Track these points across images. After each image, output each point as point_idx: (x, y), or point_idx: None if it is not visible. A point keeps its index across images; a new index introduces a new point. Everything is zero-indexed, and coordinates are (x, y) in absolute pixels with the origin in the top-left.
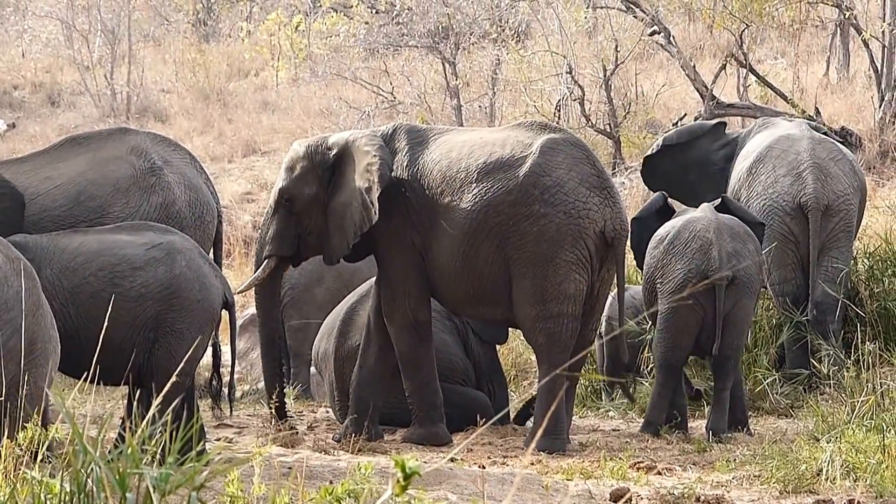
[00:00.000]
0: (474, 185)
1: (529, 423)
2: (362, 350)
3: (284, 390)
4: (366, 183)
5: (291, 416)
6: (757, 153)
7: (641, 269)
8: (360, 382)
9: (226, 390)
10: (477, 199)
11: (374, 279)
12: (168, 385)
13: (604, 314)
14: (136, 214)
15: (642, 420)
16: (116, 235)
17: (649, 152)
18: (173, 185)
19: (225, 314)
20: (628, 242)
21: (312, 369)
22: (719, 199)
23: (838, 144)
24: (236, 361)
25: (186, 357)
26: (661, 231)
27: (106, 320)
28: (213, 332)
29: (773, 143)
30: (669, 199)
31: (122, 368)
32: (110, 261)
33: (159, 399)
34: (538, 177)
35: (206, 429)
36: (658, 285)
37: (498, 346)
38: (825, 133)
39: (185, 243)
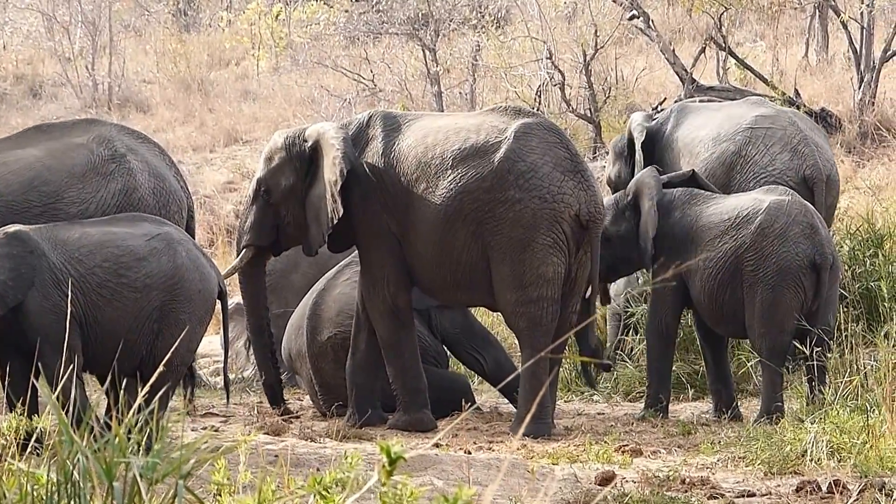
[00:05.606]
0: (449, 171)
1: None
2: (353, 337)
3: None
4: (332, 176)
5: (286, 401)
6: (735, 141)
7: (653, 258)
8: (353, 370)
9: (219, 379)
10: (452, 186)
11: (329, 274)
12: (156, 374)
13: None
14: (92, 201)
15: (758, 414)
16: (114, 227)
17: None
18: (136, 171)
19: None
20: (650, 229)
21: None
22: (691, 172)
23: (803, 114)
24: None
25: (174, 348)
26: (729, 212)
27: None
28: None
29: (751, 125)
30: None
31: (127, 359)
32: (114, 252)
33: (146, 388)
34: (513, 162)
35: (192, 418)
36: (748, 268)
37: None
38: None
39: (181, 234)
